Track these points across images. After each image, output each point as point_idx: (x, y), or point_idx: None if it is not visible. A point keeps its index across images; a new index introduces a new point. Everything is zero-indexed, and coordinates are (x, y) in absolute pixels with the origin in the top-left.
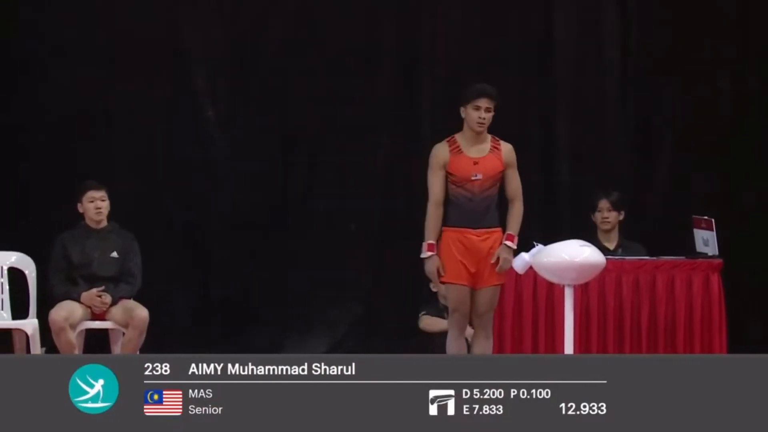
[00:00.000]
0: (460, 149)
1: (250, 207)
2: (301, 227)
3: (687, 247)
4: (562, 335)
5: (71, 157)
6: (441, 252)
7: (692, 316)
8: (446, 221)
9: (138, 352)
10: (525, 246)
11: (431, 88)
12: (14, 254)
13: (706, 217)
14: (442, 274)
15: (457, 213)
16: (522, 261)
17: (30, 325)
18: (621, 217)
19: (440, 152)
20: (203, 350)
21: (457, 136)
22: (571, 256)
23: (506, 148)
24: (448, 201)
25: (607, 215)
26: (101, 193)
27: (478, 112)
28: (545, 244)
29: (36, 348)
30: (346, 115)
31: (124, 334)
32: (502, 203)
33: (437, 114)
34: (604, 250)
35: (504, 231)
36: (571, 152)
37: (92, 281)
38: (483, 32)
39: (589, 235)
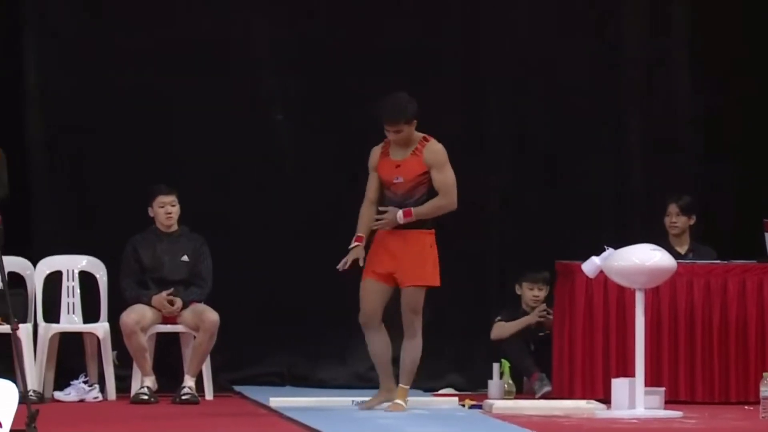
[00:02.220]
0: (387, 152)
1: (320, 210)
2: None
3: (758, 251)
4: (633, 339)
5: (142, 161)
6: (369, 248)
7: (764, 319)
8: None
9: (208, 356)
10: (596, 250)
11: (499, 88)
12: (85, 258)
13: None
14: (361, 264)
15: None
16: (593, 265)
17: (101, 328)
18: (692, 222)
19: (373, 155)
20: (272, 354)
21: None
22: (641, 260)
23: (429, 149)
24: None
25: (675, 220)
26: (171, 198)
27: (388, 133)
28: (616, 248)
29: (107, 351)
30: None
31: (194, 337)
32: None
33: (504, 118)
34: (675, 254)
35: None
36: (642, 155)
37: (163, 285)
38: (552, 32)
39: (661, 239)
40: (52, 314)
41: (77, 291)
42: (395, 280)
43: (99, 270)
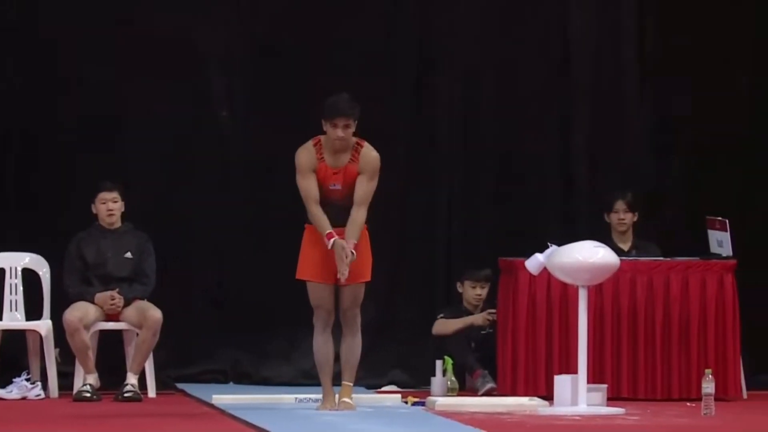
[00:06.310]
0: (323, 156)
1: (266, 208)
2: None
3: (702, 248)
4: (576, 336)
5: (87, 158)
6: (302, 248)
7: (706, 316)
8: (310, 219)
9: (151, 353)
10: (540, 247)
11: (447, 90)
12: (28, 255)
13: (720, 218)
14: (349, 254)
15: None
16: (536, 261)
17: (44, 325)
18: (635, 218)
19: (306, 155)
20: (216, 352)
21: (323, 140)
22: (585, 257)
23: (365, 157)
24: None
25: (623, 216)
26: (113, 195)
27: (335, 130)
28: (559, 244)
29: (49, 349)
30: (364, 115)
31: (137, 334)
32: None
33: (453, 116)
34: (619, 251)
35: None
36: (588, 152)
37: (107, 281)
38: (500, 33)
39: (604, 235)
40: None
41: (20, 288)
42: (335, 277)
43: (42, 267)
